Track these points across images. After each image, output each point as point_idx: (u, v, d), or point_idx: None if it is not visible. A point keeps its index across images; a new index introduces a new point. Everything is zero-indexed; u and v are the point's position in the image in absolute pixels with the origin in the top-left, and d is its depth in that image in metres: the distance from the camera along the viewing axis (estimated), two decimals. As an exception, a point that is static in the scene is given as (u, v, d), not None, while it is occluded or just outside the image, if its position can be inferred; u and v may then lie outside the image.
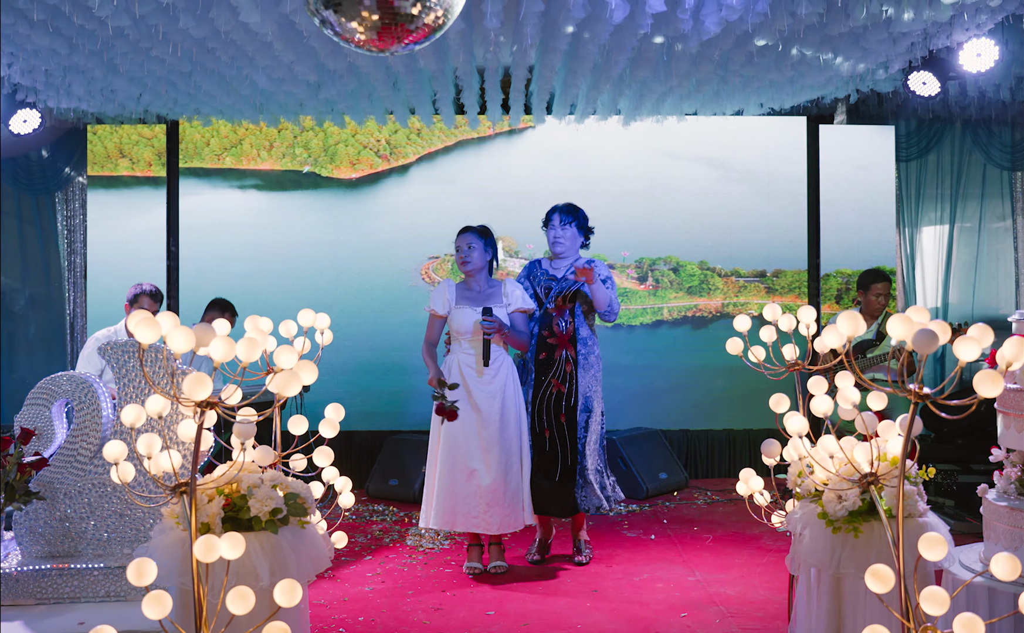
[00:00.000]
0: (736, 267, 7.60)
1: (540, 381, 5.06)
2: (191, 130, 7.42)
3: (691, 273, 7.50)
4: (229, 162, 7.22)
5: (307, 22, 4.61)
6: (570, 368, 5.06)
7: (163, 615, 2.09)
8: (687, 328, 7.60)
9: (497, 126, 7.48)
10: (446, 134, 7.49)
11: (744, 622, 4.20)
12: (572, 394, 5.06)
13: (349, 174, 7.32)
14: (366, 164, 7.36)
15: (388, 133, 7.49)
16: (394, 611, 4.41)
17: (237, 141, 7.23)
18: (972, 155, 7.94)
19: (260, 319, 2.79)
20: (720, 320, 7.59)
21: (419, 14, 2.27)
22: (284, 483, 2.81)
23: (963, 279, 8.04)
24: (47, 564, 3.60)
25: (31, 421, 3.74)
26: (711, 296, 7.54)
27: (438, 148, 7.48)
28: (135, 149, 7.65)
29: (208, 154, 7.28)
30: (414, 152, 7.38)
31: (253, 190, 7.32)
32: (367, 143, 7.29)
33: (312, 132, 7.37)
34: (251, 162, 7.22)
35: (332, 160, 7.35)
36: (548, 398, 5.05)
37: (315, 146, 7.40)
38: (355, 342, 7.41)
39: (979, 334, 2.25)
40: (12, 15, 4.65)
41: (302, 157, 7.32)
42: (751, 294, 7.54)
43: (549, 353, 5.07)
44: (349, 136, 7.47)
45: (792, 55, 5.53)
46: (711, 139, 7.63)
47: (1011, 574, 2.11)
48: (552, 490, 5.02)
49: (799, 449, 2.93)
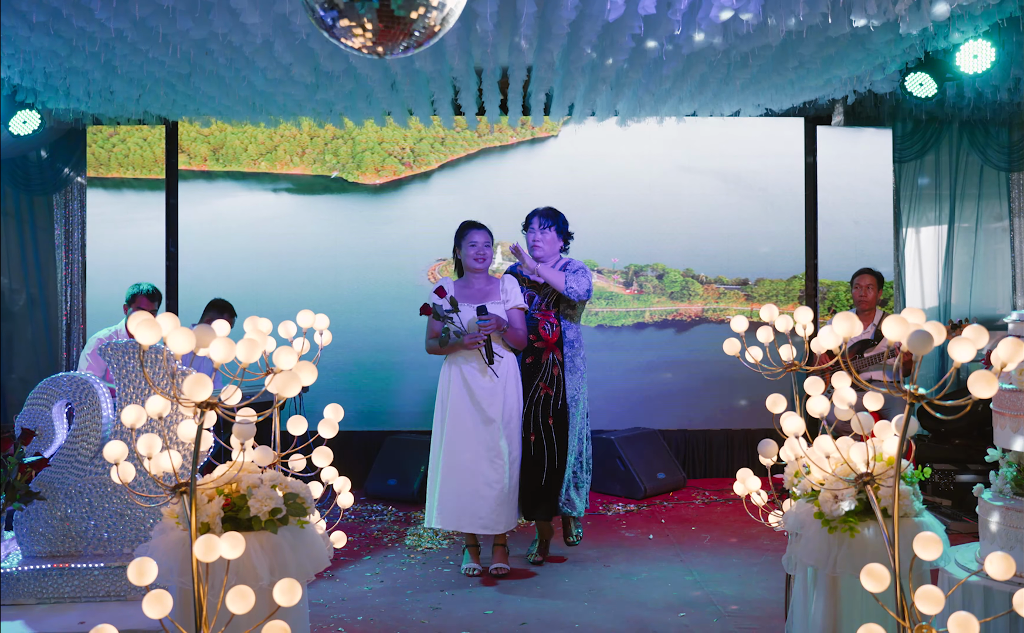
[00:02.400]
0: (720, 274, 7.72)
1: (527, 385, 5.04)
2: (231, 136, 7.57)
3: (673, 279, 7.66)
4: (264, 166, 7.49)
5: (305, 23, 4.63)
6: (557, 371, 5.05)
7: (163, 614, 2.10)
8: (671, 331, 7.69)
9: (520, 134, 7.64)
10: (469, 142, 7.63)
11: (741, 621, 4.21)
12: (559, 397, 5.05)
13: (374, 180, 7.54)
14: (390, 170, 7.57)
15: (413, 141, 7.62)
16: (393, 610, 4.42)
17: (272, 147, 7.48)
18: (969, 156, 7.97)
19: (259, 320, 2.80)
20: (700, 324, 7.69)
21: (418, 18, 2.28)
22: (283, 483, 2.82)
23: (960, 280, 8.06)
24: (48, 564, 3.61)
25: (32, 421, 3.75)
26: (691, 301, 7.68)
27: (460, 156, 7.64)
28: (134, 150, 7.67)
29: (246, 159, 7.53)
30: (436, 159, 7.58)
31: (285, 193, 7.57)
32: (392, 150, 7.51)
33: (341, 140, 7.56)
34: (284, 167, 7.50)
35: (359, 166, 7.57)
36: (536, 402, 5.03)
37: (343, 153, 7.58)
38: (355, 342, 7.43)
39: (974, 335, 2.27)
40: (12, 17, 4.66)
41: (331, 163, 7.53)
42: (730, 300, 7.67)
43: (536, 357, 5.05)
44: (375, 144, 7.61)
45: (790, 57, 5.55)
46: (730, 146, 7.71)
47: (1005, 573, 2.12)
48: (538, 494, 4.99)
49: (796, 449, 2.94)
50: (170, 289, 7.57)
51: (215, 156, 7.60)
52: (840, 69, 5.94)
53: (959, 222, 8.06)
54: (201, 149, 7.57)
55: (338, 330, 3.40)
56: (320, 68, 5.65)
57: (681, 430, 7.67)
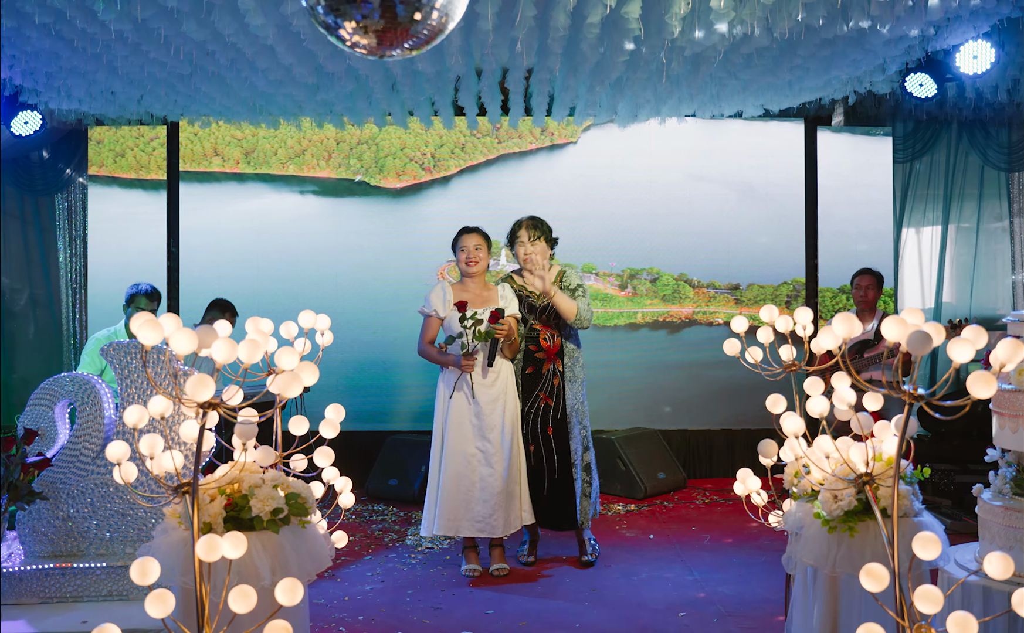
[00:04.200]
0: (712, 279, 7.79)
1: (527, 395, 5.05)
2: (263, 140, 7.69)
3: (666, 282, 7.76)
4: (292, 169, 7.70)
5: (306, 25, 4.63)
6: (558, 382, 5.05)
7: (166, 614, 2.11)
8: (663, 332, 7.76)
9: (539, 140, 7.75)
10: (489, 148, 7.76)
11: (741, 621, 4.22)
12: (559, 408, 5.05)
13: (395, 184, 7.71)
14: (410, 175, 7.73)
15: (434, 147, 7.73)
16: (394, 610, 4.43)
17: (300, 151, 7.69)
18: (969, 156, 7.97)
19: (261, 320, 2.81)
20: (691, 326, 7.77)
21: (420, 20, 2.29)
22: (285, 483, 2.83)
23: (960, 280, 8.07)
24: (50, 563, 3.62)
25: (34, 421, 3.75)
26: (682, 303, 7.76)
27: (479, 161, 7.77)
28: (135, 150, 7.69)
29: (276, 162, 7.71)
30: (456, 165, 7.73)
31: (312, 196, 7.79)
32: (413, 156, 7.69)
33: (366, 145, 7.72)
34: (311, 170, 7.71)
35: (381, 171, 7.73)
36: (536, 412, 5.04)
37: (367, 157, 7.73)
38: (357, 342, 7.44)
39: (973, 335, 2.27)
40: (14, 18, 4.67)
41: (356, 167, 7.70)
42: (720, 304, 7.75)
43: (537, 367, 5.06)
44: (398, 149, 7.73)
45: (790, 57, 5.55)
46: (741, 158, 7.76)
47: (1004, 573, 2.12)
48: (539, 503, 5.01)
49: (796, 449, 2.95)
50: (171, 289, 7.58)
51: (247, 159, 7.75)
52: (840, 69, 5.94)
53: (959, 222, 8.07)
54: (234, 152, 7.71)
55: (340, 330, 3.41)
56: (321, 69, 5.66)
57: (681, 430, 7.68)
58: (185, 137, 7.70)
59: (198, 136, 7.67)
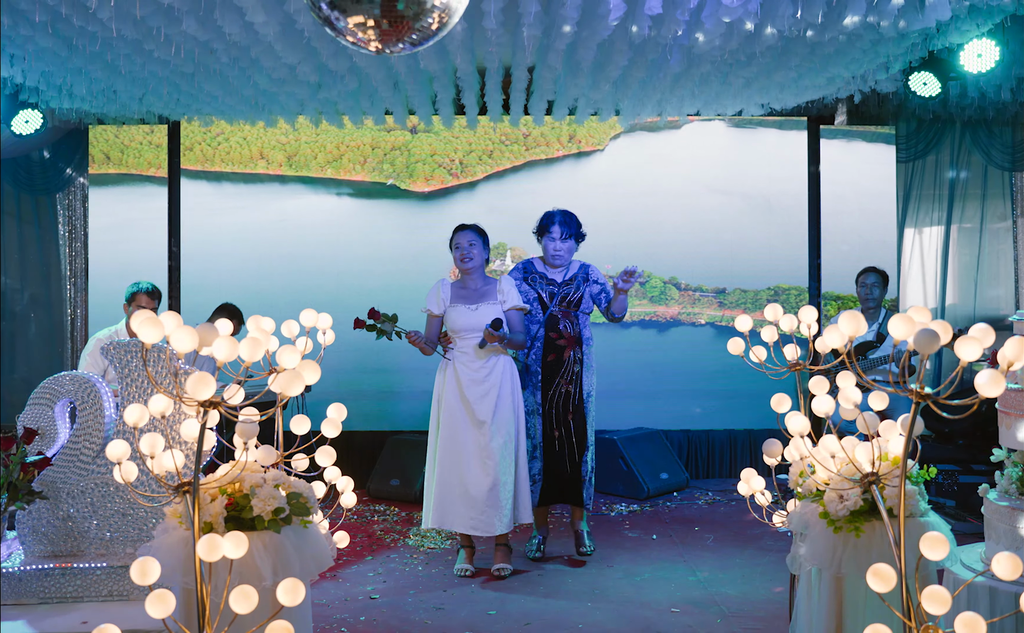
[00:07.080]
0: (713, 284, 7.86)
1: (549, 383, 5.16)
2: (304, 145, 7.82)
3: (656, 284, 7.87)
4: (330, 172, 7.89)
5: (309, 22, 4.62)
6: (578, 368, 5.20)
7: (166, 614, 2.10)
8: (653, 330, 7.82)
9: (566, 148, 7.87)
10: (516, 154, 7.87)
11: (745, 622, 4.20)
12: (578, 393, 5.20)
13: (423, 188, 7.87)
14: (438, 180, 7.88)
15: (463, 153, 7.83)
16: (396, 611, 4.41)
17: (339, 155, 7.87)
18: (972, 156, 7.94)
19: (262, 319, 2.79)
20: (676, 325, 7.82)
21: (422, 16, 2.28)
22: (286, 483, 2.82)
23: (964, 279, 8.04)
24: (50, 563, 3.60)
25: (34, 421, 3.74)
26: (668, 305, 7.85)
27: (506, 167, 7.89)
28: (136, 149, 7.68)
29: (315, 165, 7.89)
30: (483, 171, 7.88)
31: (347, 197, 7.96)
32: (442, 162, 7.86)
33: (398, 151, 7.86)
34: (347, 174, 7.91)
35: (411, 175, 7.86)
36: (558, 399, 5.17)
37: (399, 163, 7.86)
38: (358, 342, 7.40)
39: (980, 334, 2.25)
40: (14, 17, 4.66)
41: (388, 171, 7.87)
42: (704, 306, 7.83)
43: (558, 355, 5.18)
44: (427, 155, 7.85)
45: (793, 56, 5.54)
46: (753, 171, 7.79)
47: (1012, 573, 2.11)
48: (565, 481, 5.18)
49: (800, 449, 2.93)
50: (172, 288, 7.57)
51: (289, 163, 7.87)
52: (842, 67, 5.92)
53: (962, 222, 8.04)
54: (278, 156, 7.84)
55: (342, 329, 3.39)
56: (324, 67, 5.65)
57: (684, 430, 7.67)
58: (235, 140, 7.82)
59: (246, 140, 7.82)
